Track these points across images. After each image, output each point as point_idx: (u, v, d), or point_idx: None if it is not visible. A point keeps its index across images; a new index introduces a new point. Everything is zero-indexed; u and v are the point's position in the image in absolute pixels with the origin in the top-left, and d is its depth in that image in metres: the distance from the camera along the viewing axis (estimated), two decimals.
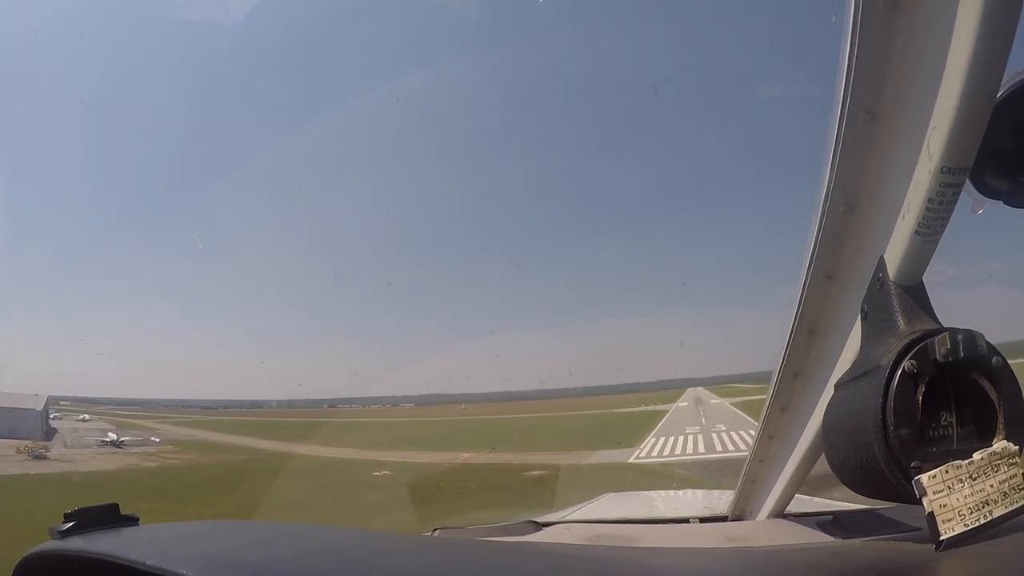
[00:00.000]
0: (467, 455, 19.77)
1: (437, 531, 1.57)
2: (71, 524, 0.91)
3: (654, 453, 18.92)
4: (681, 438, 22.88)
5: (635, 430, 27.09)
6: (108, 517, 0.95)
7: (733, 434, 21.40)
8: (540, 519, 1.60)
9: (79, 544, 0.85)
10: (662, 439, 23.03)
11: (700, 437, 22.49)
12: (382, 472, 15.79)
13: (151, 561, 0.68)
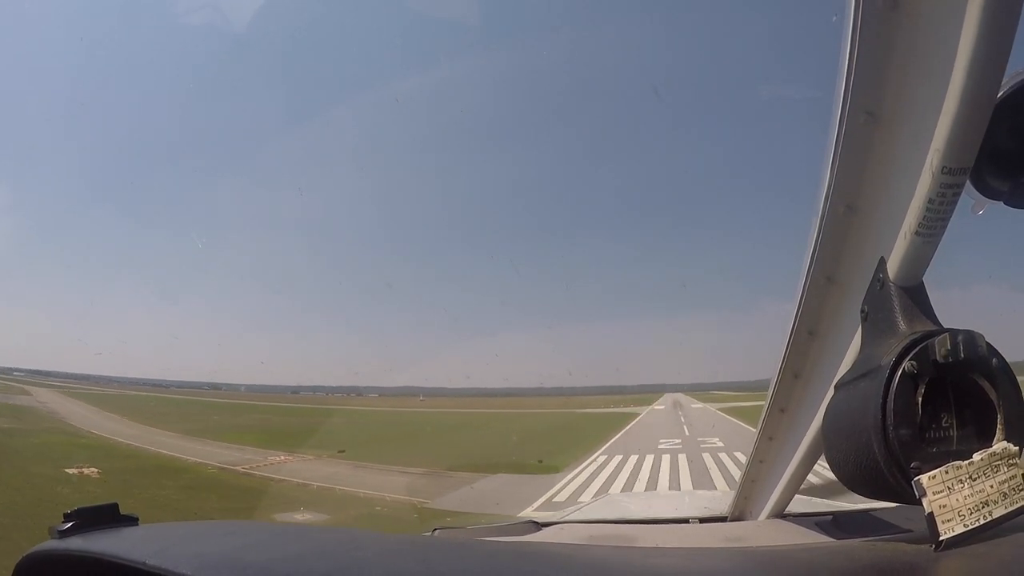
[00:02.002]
0: (284, 458, 14.11)
1: (437, 531, 1.57)
2: (71, 524, 0.91)
3: (591, 491, 9.93)
4: (649, 460, 12.76)
5: (583, 440, 18.46)
6: (108, 517, 0.95)
7: (739, 456, 11.45)
8: (540, 519, 1.61)
9: (78, 544, 0.85)
10: (615, 460, 13.48)
11: (684, 461, 12.31)
12: (82, 470, 10.56)
13: (151, 561, 0.68)
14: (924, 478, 0.55)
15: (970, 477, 0.55)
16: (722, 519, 1.46)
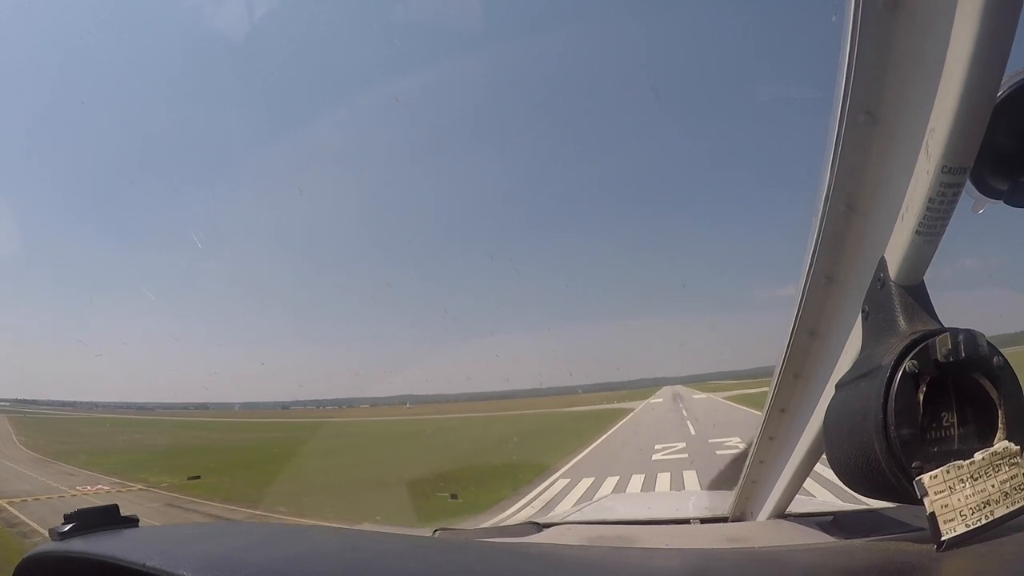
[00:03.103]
0: (99, 488, 11.72)
1: (438, 532, 1.57)
2: (72, 525, 0.91)
3: None
4: (635, 483, 9.03)
5: (548, 450, 14.12)
6: (109, 519, 0.95)
7: None
8: (541, 520, 1.60)
9: (80, 546, 0.85)
10: (581, 487, 9.44)
11: (693, 480, 8.64)
12: None
13: (152, 562, 0.68)
14: (925, 478, 0.55)
15: (971, 476, 0.55)
16: (723, 519, 1.45)
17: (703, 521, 1.47)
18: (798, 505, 1.33)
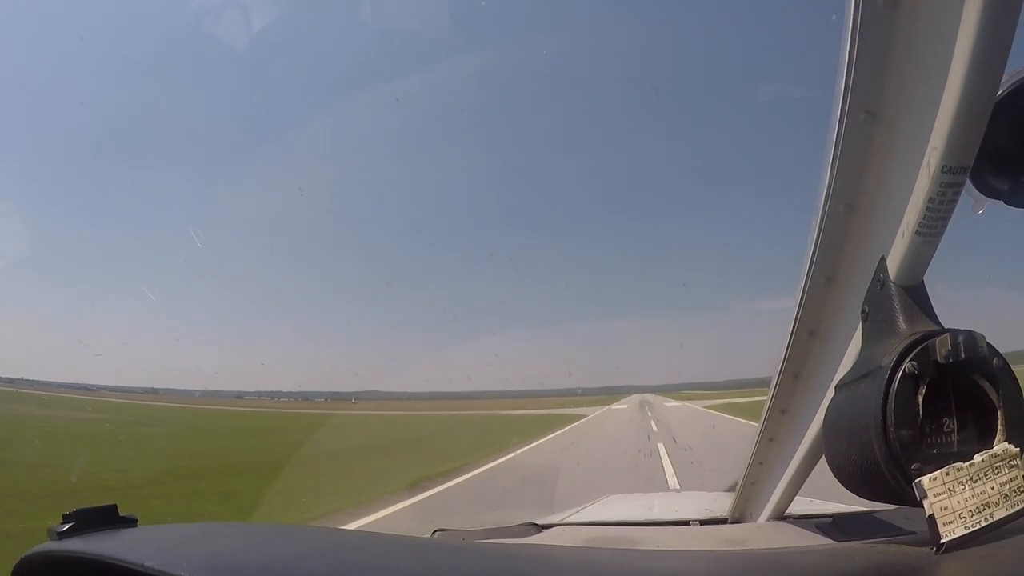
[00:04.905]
0: None
1: (436, 533, 1.57)
2: (70, 525, 0.91)
3: None
4: None
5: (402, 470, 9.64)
6: (107, 518, 0.95)
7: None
8: (539, 521, 1.60)
9: (78, 545, 0.84)
10: None
11: None
12: None
13: (149, 563, 0.68)
14: (925, 480, 0.55)
15: (971, 479, 0.55)
16: (722, 521, 1.45)
17: (702, 523, 1.46)
18: (797, 507, 1.33)
